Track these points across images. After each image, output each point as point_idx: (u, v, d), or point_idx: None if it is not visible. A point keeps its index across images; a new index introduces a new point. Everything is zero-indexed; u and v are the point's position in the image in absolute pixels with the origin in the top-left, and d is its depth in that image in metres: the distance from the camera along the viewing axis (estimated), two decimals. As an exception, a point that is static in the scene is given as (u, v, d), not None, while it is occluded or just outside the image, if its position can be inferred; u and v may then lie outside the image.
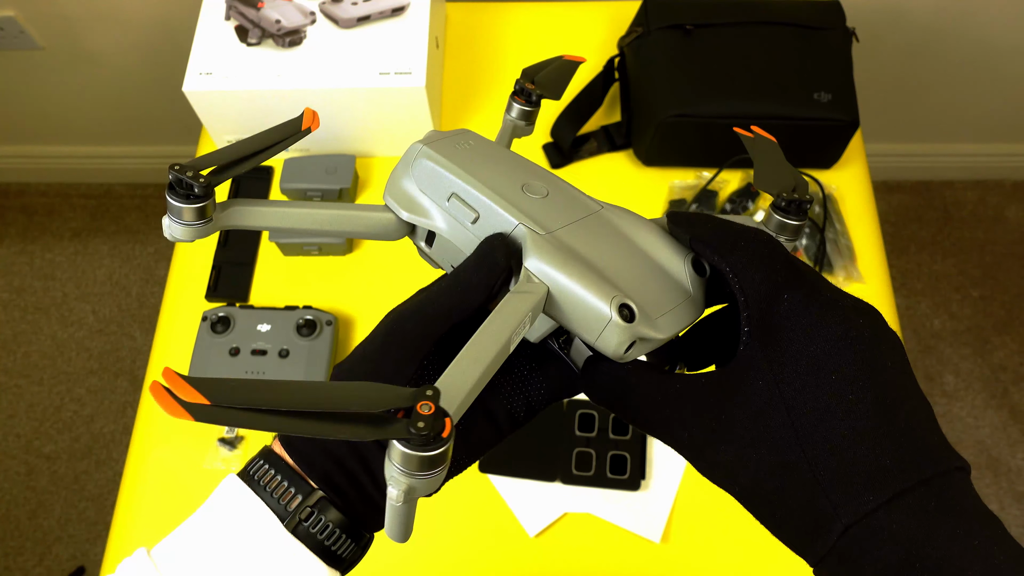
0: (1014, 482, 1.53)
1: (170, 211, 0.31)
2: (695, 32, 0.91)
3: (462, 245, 0.34)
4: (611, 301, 0.30)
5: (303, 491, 0.31)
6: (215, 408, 0.22)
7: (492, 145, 0.38)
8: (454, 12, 1.08)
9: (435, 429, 0.24)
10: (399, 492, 0.25)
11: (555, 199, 0.34)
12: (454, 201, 0.34)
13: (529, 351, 0.35)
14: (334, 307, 0.90)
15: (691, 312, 0.33)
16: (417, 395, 0.24)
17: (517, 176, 0.35)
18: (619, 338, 0.30)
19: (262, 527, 0.31)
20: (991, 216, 1.76)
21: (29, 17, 1.32)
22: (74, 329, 1.73)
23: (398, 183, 0.36)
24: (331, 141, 0.96)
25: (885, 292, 0.90)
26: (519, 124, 0.40)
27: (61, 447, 1.62)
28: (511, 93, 0.40)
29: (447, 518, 0.80)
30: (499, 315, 0.29)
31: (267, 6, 0.90)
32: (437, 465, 0.25)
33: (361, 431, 0.24)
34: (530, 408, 0.35)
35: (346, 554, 0.32)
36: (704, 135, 0.90)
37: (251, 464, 0.32)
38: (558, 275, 0.31)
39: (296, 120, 0.35)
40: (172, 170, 0.30)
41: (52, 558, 1.53)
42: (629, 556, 0.78)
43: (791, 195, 0.35)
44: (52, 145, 1.73)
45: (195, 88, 0.88)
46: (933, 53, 1.37)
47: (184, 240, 0.32)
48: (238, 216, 0.33)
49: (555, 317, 0.31)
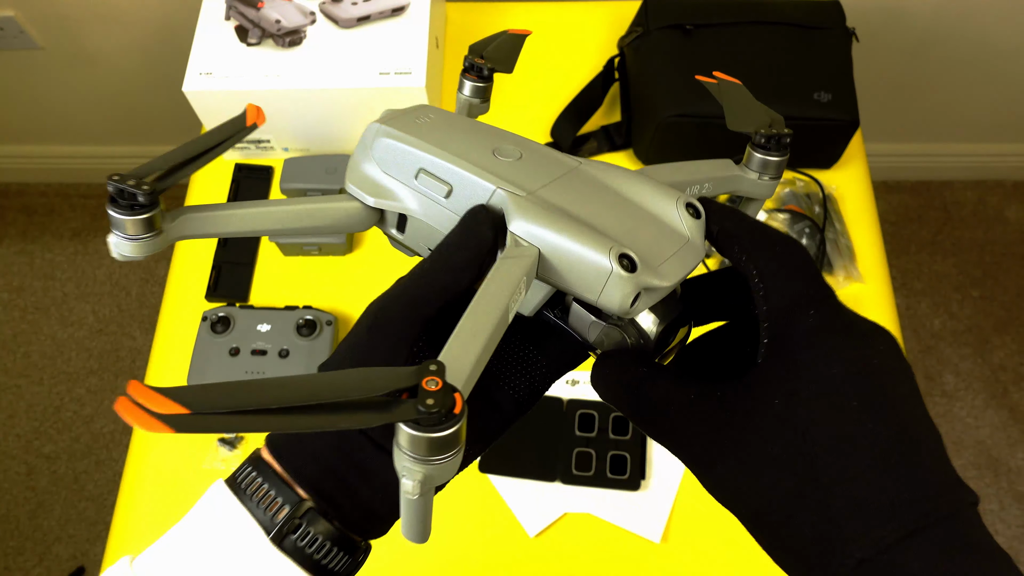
0: (1014, 482, 1.53)
1: (114, 226, 0.28)
2: (695, 32, 0.91)
3: (437, 224, 0.31)
4: (609, 252, 0.27)
5: (291, 501, 0.29)
6: (196, 416, 0.20)
7: (453, 116, 0.36)
8: (454, 12, 1.08)
9: (445, 405, 0.22)
10: (414, 483, 0.23)
11: (530, 160, 0.32)
12: (423, 177, 0.31)
13: (522, 331, 0.33)
14: (334, 307, 0.90)
15: (693, 255, 0.30)
16: (420, 371, 0.22)
17: (486, 141, 0.33)
18: (623, 290, 0.28)
19: (246, 540, 0.29)
20: (991, 216, 1.76)
21: (29, 17, 1.32)
22: (74, 329, 1.73)
23: (359, 168, 0.33)
24: (331, 141, 0.96)
25: (885, 292, 0.90)
26: (474, 102, 0.38)
27: (61, 447, 1.62)
28: (461, 71, 0.38)
29: (447, 518, 0.80)
30: (493, 283, 0.27)
31: (267, 6, 0.90)
32: (451, 447, 0.22)
33: (364, 418, 0.22)
34: (533, 389, 0.33)
35: (339, 567, 0.30)
36: (704, 135, 0.90)
37: (239, 471, 0.30)
38: (548, 233, 0.28)
39: (240, 117, 0.33)
40: (111, 180, 0.27)
41: (52, 558, 1.53)
42: (629, 556, 0.78)
43: (768, 130, 0.33)
44: (52, 145, 1.73)
45: (195, 88, 0.88)
46: (933, 53, 1.37)
47: (134, 257, 0.29)
48: (190, 224, 0.30)
49: (550, 280, 0.29)
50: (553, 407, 0.83)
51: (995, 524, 1.49)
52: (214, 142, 0.31)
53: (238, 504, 0.29)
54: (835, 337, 0.27)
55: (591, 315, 0.31)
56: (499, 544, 0.79)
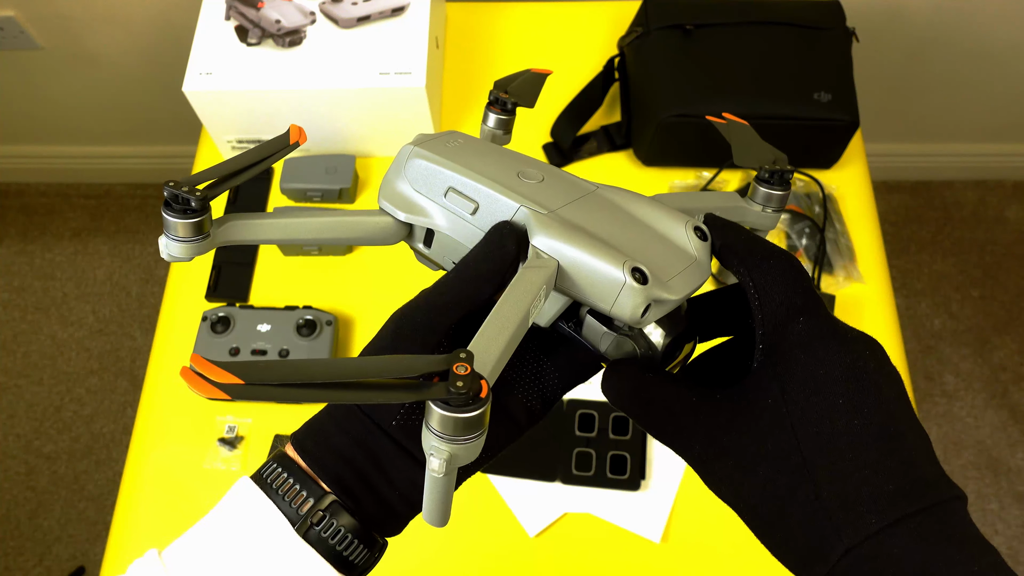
0: (1014, 482, 1.52)
1: (167, 229, 0.31)
2: (695, 32, 0.91)
3: (463, 239, 0.34)
4: (623, 265, 0.30)
5: (315, 495, 0.31)
6: (249, 387, 0.22)
7: (480, 141, 0.38)
8: (454, 12, 1.08)
9: (473, 389, 0.24)
10: (441, 461, 0.25)
11: (551, 183, 0.35)
12: (451, 195, 0.34)
13: (537, 342, 0.35)
14: (334, 307, 0.90)
15: (699, 274, 0.33)
16: (451, 358, 0.25)
17: (511, 165, 0.35)
18: (635, 301, 0.30)
19: (273, 531, 0.30)
20: (991, 216, 1.76)
21: (29, 17, 1.33)
22: (74, 329, 1.73)
23: (392, 185, 0.36)
24: (331, 141, 0.96)
25: (885, 292, 0.90)
26: (497, 133, 0.41)
27: (61, 447, 1.62)
28: (486, 104, 0.41)
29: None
30: (515, 288, 0.29)
31: (267, 6, 0.90)
32: (476, 429, 0.25)
33: (400, 395, 0.24)
34: (545, 400, 0.35)
35: (359, 560, 0.31)
36: (704, 135, 0.90)
37: (264, 467, 0.32)
38: (567, 248, 0.31)
39: (284, 136, 0.35)
40: (167, 186, 0.30)
41: (52, 558, 1.53)
42: (629, 556, 0.78)
43: (772, 166, 0.36)
44: (52, 145, 1.73)
45: (195, 88, 0.88)
46: (933, 53, 1.37)
47: (182, 259, 0.31)
48: (235, 231, 0.33)
49: (567, 291, 0.32)
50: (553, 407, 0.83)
51: (995, 524, 1.49)
52: (260, 157, 0.34)
53: (264, 497, 0.31)
54: (824, 342, 0.30)
55: (603, 326, 0.33)
56: (499, 544, 0.79)
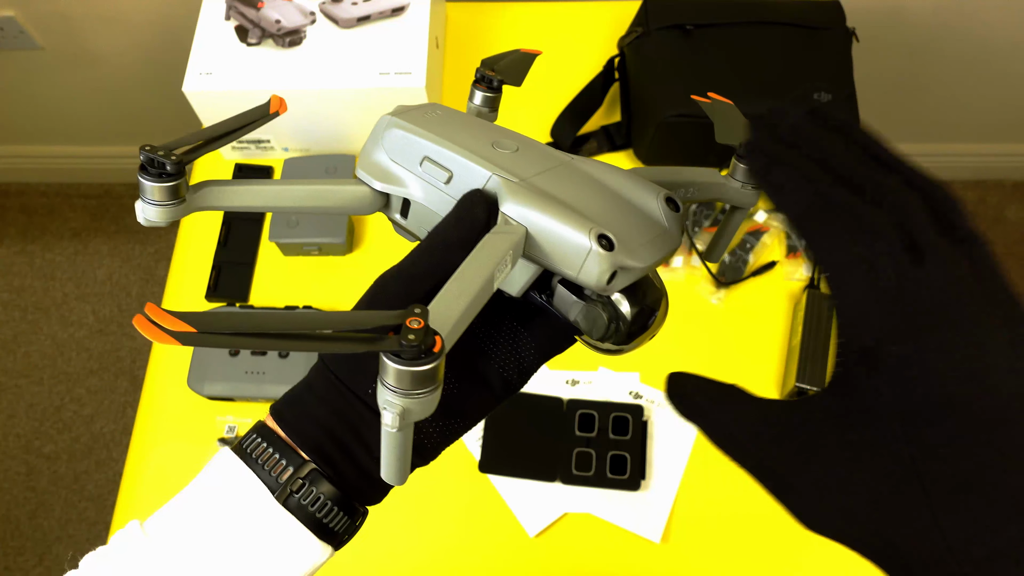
0: (1014, 482, 1.52)
1: (142, 193, 0.31)
2: (695, 32, 0.91)
3: (438, 208, 0.34)
4: (589, 232, 0.30)
5: (295, 463, 0.31)
6: (202, 335, 0.22)
7: (460, 113, 0.38)
8: (454, 12, 1.08)
9: (426, 343, 0.24)
10: (394, 416, 0.25)
11: (526, 152, 0.35)
12: (426, 164, 0.34)
13: (514, 312, 0.35)
14: (334, 307, 0.89)
15: (668, 243, 0.33)
16: (406, 313, 0.24)
17: (487, 135, 0.35)
18: (600, 267, 0.30)
19: (253, 499, 0.31)
20: (991, 216, 1.76)
21: (29, 17, 1.32)
22: (74, 329, 1.73)
23: (369, 155, 0.36)
24: (331, 141, 0.96)
25: (885, 292, 0.90)
26: (483, 111, 0.41)
27: (61, 447, 1.62)
28: (472, 81, 0.41)
29: (447, 518, 0.80)
30: (480, 252, 0.29)
31: (267, 6, 0.90)
32: (429, 383, 0.25)
33: (351, 346, 0.24)
34: (522, 370, 0.35)
35: (339, 528, 0.32)
36: (704, 135, 0.89)
37: (244, 438, 0.32)
38: (535, 214, 0.31)
39: (264, 105, 0.36)
40: (143, 150, 0.30)
41: (52, 558, 1.53)
42: (629, 556, 0.78)
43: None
44: (52, 145, 1.73)
45: (195, 88, 0.88)
46: (933, 53, 1.37)
47: (158, 222, 0.31)
48: (211, 196, 0.33)
49: (535, 258, 0.32)
50: (553, 407, 0.83)
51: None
52: (238, 125, 0.34)
53: (244, 467, 0.31)
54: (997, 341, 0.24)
55: (573, 295, 0.33)
56: (499, 544, 0.79)
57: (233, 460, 0.31)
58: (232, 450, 0.32)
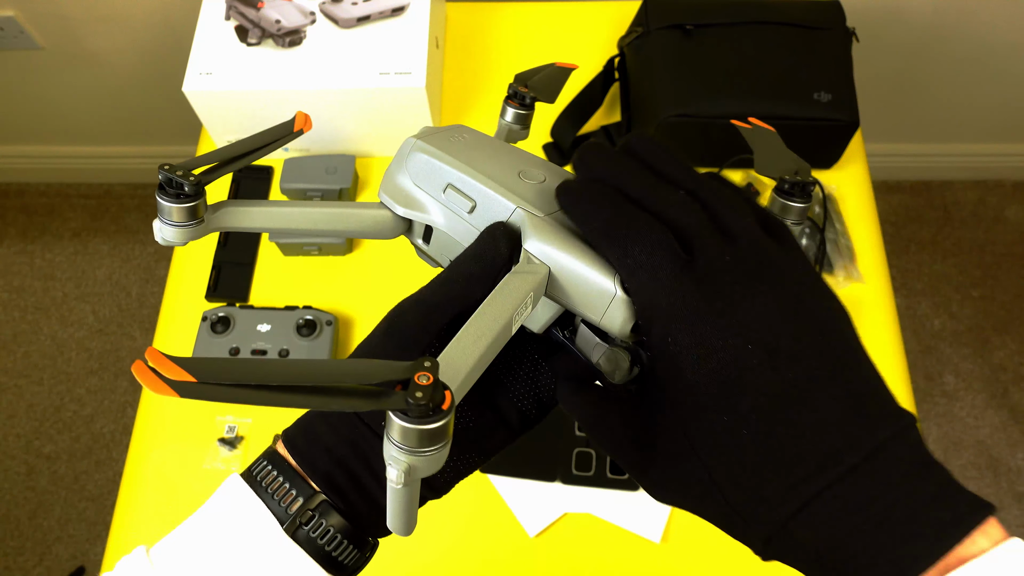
0: (1014, 482, 1.52)
1: (161, 213, 0.30)
2: (695, 32, 0.91)
3: (460, 237, 0.33)
4: (615, 277, 0.29)
5: (305, 493, 0.30)
6: (202, 385, 0.21)
7: (487, 138, 0.37)
8: (454, 12, 1.08)
9: (434, 400, 0.23)
10: (399, 472, 0.24)
11: (553, 184, 0.34)
12: (450, 192, 0.33)
13: (534, 346, 0.35)
14: (334, 307, 0.90)
15: None
16: (415, 367, 0.23)
17: (513, 164, 0.34)
18: (625, 314, 0.29)
19: (262, 530, 0.30)
20: (991, 216, 1.76)
21: (29, 17, 1.33)
22: (74, 329, 1.73)
23: (393, 179, 0.35)
24: (331, 141, 0.96)
25: (885, 292, 0.90)
26: (514, 128, 0.40)
27: (61, 447, 1.62)
28: (505, 97, 0.40)
29: (447, 518, 0.80)
30: (500, 294, 0.28)
31: (267, 6, 0.90)
32: (437, 441, 0.24)
33: (356, 403, 0.23)
34: (541, 405, 0.34)
35: (348, 560, 0.31)
36: (704, 135, 0.90)
37: (255, 465, 0.32)
38: (559, 254, 0.30)
39: (288, 123, 0.35)
40: (162, 170, 0.29)
41: (52, 558, 1.53)
42: (629, 556, 0.78)
43: (794, 177, 0.34)
44: (52, 145, 1.73)
45: (195, 88, 0.88)
46: (933, 53, 1.37)
47: (176, 243, 0.31)
48: (231, 217, 0.32)
49: (558, 299, 0.31)
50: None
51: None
52: (261, 143, 0.33)
53: (253, 496, 0.30)
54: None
55: (596, 337, 0.32)
56: (499, 544, 0.79)
57: (243, 488, 0.31)
58: (242, 476, 0.31)
